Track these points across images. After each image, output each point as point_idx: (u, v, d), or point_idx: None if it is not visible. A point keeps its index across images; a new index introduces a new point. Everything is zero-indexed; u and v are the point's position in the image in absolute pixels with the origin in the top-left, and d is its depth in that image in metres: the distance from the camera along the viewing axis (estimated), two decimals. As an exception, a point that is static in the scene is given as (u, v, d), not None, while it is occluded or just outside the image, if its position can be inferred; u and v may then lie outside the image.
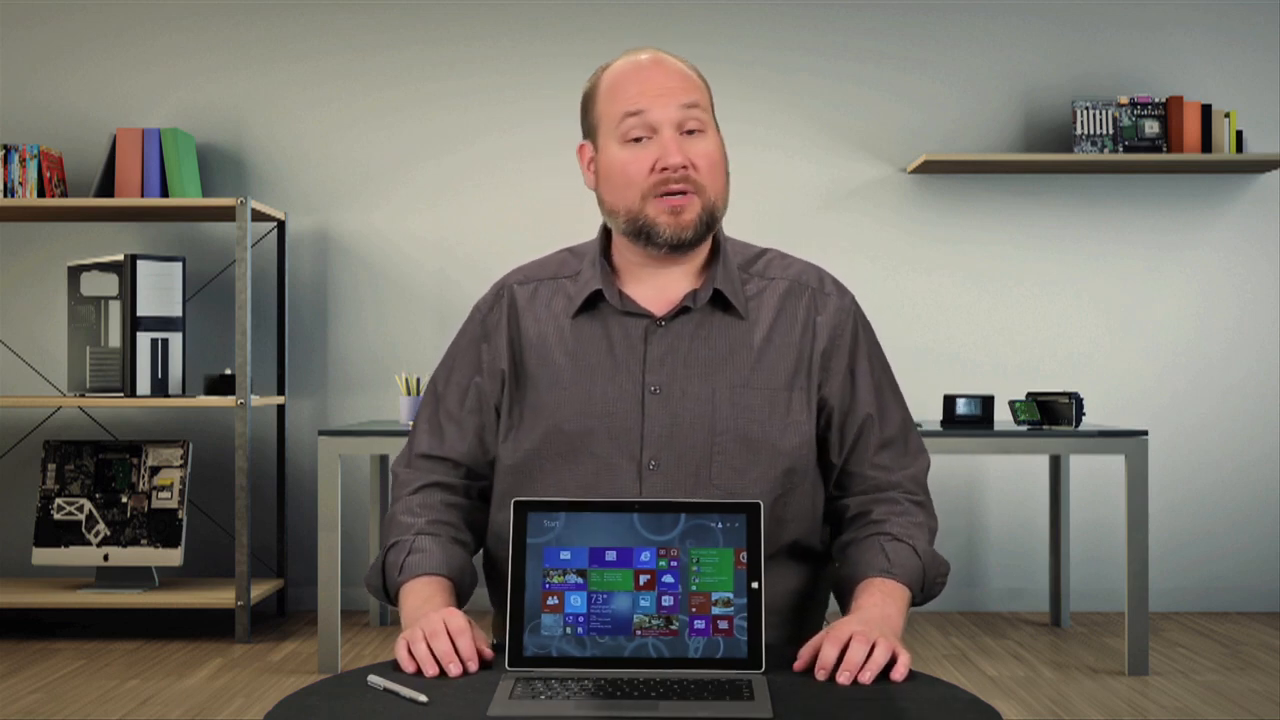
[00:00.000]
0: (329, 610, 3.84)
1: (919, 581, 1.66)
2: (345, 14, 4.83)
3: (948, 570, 1.72)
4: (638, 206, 1.67)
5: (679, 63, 1.72)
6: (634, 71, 1.68)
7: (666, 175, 1.65)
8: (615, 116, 1.67)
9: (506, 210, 4.82)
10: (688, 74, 1.70)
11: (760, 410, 1.69)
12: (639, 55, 1.71)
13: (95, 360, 4.39)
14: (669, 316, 1.71)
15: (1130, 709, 3.46)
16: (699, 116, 1.67)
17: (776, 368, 1.71)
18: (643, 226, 1.68)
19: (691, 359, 1.70)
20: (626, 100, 1.67)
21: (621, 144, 1.67)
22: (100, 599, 4.28)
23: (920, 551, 1.67)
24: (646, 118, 1.66)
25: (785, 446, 1.69)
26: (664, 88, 1.66)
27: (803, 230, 4.80)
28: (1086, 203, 4.82)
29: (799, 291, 1.75)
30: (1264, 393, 4.82)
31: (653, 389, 1.69)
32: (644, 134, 1.66)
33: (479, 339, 1.78)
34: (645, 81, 1.67)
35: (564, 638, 1.47)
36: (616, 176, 1.68)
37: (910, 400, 4.77)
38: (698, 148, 1.67)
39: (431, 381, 1.82)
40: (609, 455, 1.68)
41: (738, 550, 1.50)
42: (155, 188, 4.50)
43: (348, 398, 4.81)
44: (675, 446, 1.67)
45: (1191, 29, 4.81)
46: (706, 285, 1.71)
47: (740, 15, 4.82)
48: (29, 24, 4.82)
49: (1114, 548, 4.82)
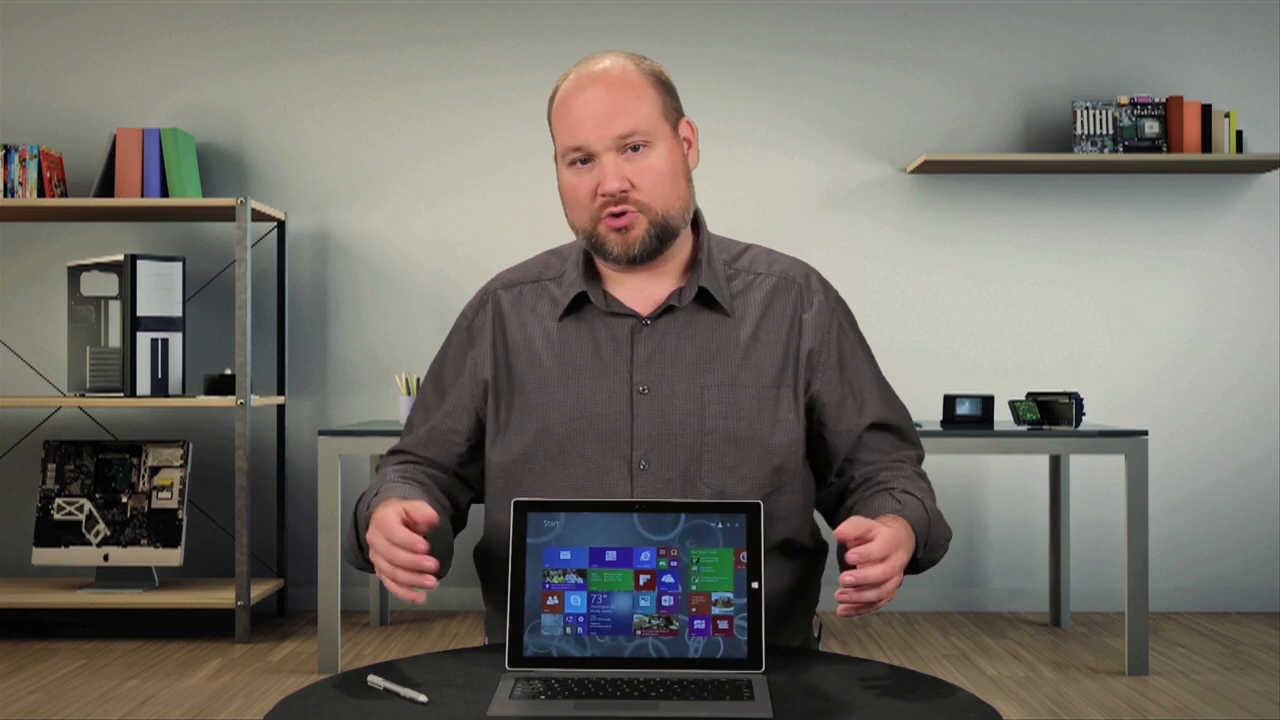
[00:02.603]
0: (329, 610, 3.84)
1: (924, 532, 1.65)
2: (345, 14, 4.83)
3: (950, 536, 1.73)
4: (589, 227, 1.70)
5: (624, 76, 1.68)
6: (575, 95, 1.68)
7: (607, 200, 1.66)
8: (561, 145, 1.70)
9: (506, 210, 4.82)
10: (628, 90, 1.67)
11: (749, 408, 1.69)
12: (583, 71, 1.69)
13: (95, 360, 4.39)
14: (654, 316, 1.72)
15: (1130, 709, 3.46)
16: (638, 134, 1.66)
17: (764, 365, 1.71)
18: (596, 244, 1.70)
19: (679, 358, 1.70)
20: (566, 130, 1.68)
21: (567, 168, 1.69)
22: (100, 599, 4.28)
23: (928, 508, 1.68)
24: (585, 149, 1.67)
25: (774, 444, 1.70)
26: (600, 115, 1.65)
27: (803, 230, 4.80)
28: (1086, 203, 4.82)
29: (785, 288, 1.76)
30: (1264, 393, 4.82)
31: (641, 389, 1.69)
32: (586, 158, 1.67)
33: (464, 346, 1.80)
34: (584, 107, 1.66)
35: (564, 638, 1.47)
36: (567, 198, 1.71)
37: (910, 400, 4.78)
38: (639, 165, 1.66)
39: (420, 390, 1.84)
40: (599, 456, 1.68)
41: (738, 550, 1.50)
42: (155, 188, 4.50)
43: (348, 398, 4.81)
44: (665, 446, 1.68)
45: (1191, 29, 4.81)
46: (691, 283, 1.72)
47: (740, 15, 4.81)
48: (29, 24, 4.82)
49: (1114, 548, 4.82)
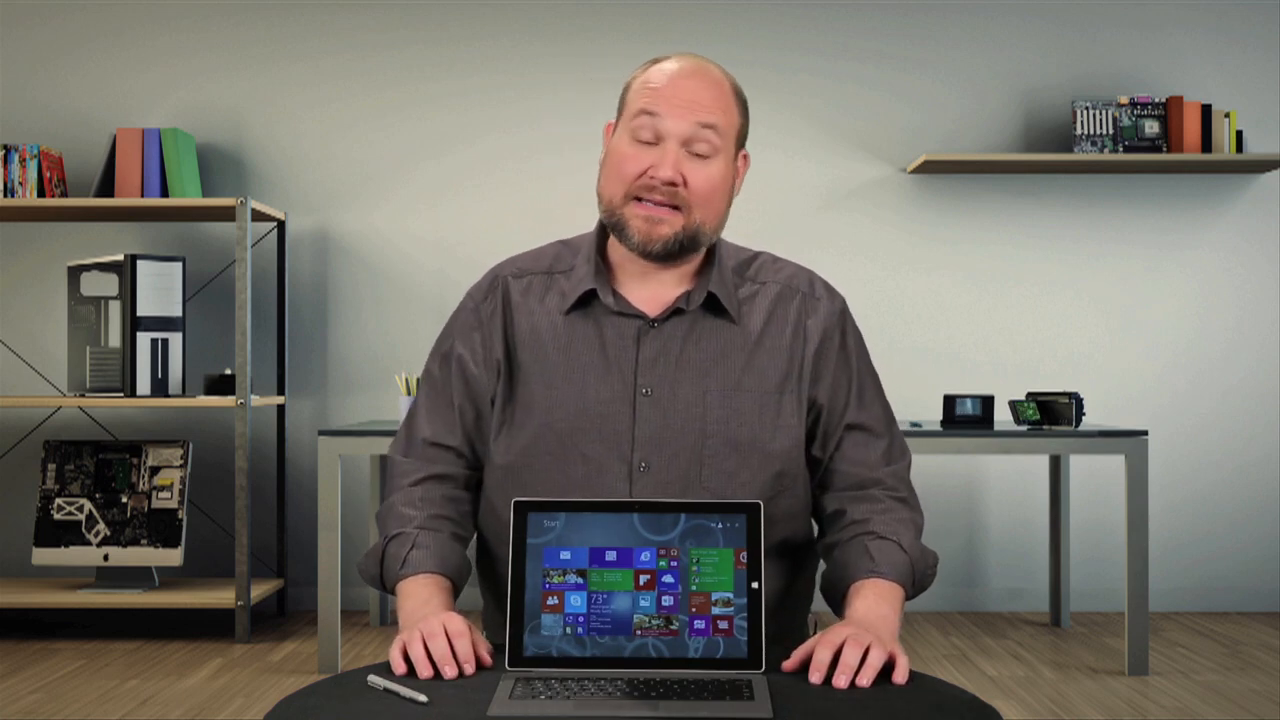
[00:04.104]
0: (329, 610, 3.85)
1: (908, 577, 1.66)
2: (345, 14, 4.83)
3: (936, 561, 1.72)
4: (619, 202, 1.67)
5: (722, 81, 1.69)
6: (671, 73, 1.67)
7: (653, 184, 1.65)
8: (634, 110, 1.67)
9: (506, 210, 4.82)
10: (722, 95, 1.68)
11: (750, 414, 1.69)
12: (685, 61, 1.69)
13: (95, 360, 4.39)
14: (662, 318, 1.71)
15: (1130, 709, 3.46)
16: (711, 140, 1.65)
17: (767, 371, 1.71)
18: (617, 223, 1.68)
19: (683, 361, 1.70)
20: (648, 99, 1.66)
21: (629, 138, 1.67)
22: (100, 599, 4.28)
23: (906, 547, 1.67)
24: (657, 123, 1.65)
25: (775, 450, 1.70)
26: (688, 101, 1.65)
27: (803, 230, 4.80)
28: (1086, 203, 4.82)
29: (790, 295, 1.76)
30: (1264, 393, 4.82)
31: (644, 390, 1.69)
32: (651, 138, 1.66)
33: (473, 327, 1.77)
34: (674, 87, 1.66)
35: (564, 638, 1.47)
36: (613, 165, 1.69)
37: (910, 400, 4.78)
38: (698, 170, 1.66)
39: (427, 368, 1.81)
40: (600, 456, 1.68)
41: (738, 550, 1.50)
42: (155, 188, 4.50)
43: (348, 398, 4.81)
44: (666, 449, 1.67)
45: (1191, 29, 4.81)
46: (700, 288, 1.72)
47: (740, 15, 4.82)
48: (29, 24, 4.82)
49: (1114, 548, 4.82)
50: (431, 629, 1.49)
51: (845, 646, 1.45)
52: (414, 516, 1.71)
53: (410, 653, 1.48)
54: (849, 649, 1.45)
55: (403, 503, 1.73)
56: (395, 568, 1.68)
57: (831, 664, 1.45)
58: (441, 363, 1.79)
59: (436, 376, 1.79)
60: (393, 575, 1.68)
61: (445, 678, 1.45)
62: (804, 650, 1.48)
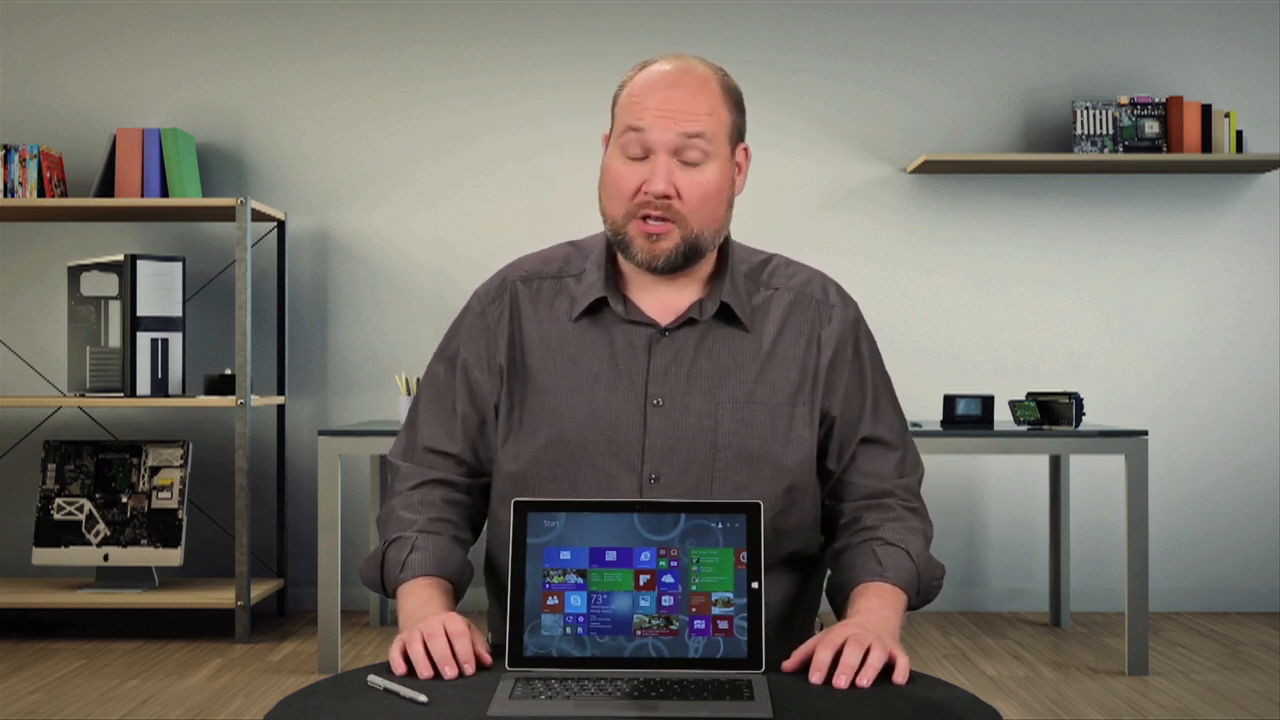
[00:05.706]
0: (329, 610, 3.85)
1: (913, 585, 1.65)
2: (345, 14, 4.83)
3: (943, 574, 1.71)
4: (621, 221, 1.66)
5: (708, 81, 1.66)
6: (653, 83, 1.64)
7: (648, 200, 1.63)
8: (621, 126, 1.66)
9: (506, 210, 4.82)
10: (708, 97, 1.64)
11: (762, 426, 1.67)
12: (668, 66, 1.66)
13: (95, 360, 4.39)
14: (673, 327, 1.69)
15: (1130, 709, 3.46)
16: (700, 146, 1.63)
17: (780, 382, 1.69)
18: (621, 240, 1.67)
19: (695, 372, 1.68)
20: (633, 115, 1.64)
21: (620, 154, 1.65)
22: (100, 599, 4.28)
23: (914, 555, 1.66)
24: (644, 138, 1.63)
25: (787, 462, 1.68)
26: (672, 111, 1.62)
27: (803, 230, 4.80)
28: (1086, 203, 4.82)
29: (804, 304, 1.74)
30: (1264, 393, 4.82)
31: (655, 401, 1.67)
32: (640, 154, 1.64)
33: (480, 331, 1.75)
34: (658, 99, 1.63)
35: (564, 638, 1.47)
36: (609, 184, 1.67)
37: (910, 400, 4.77)
38: (691, 179, 1.63)
39: (430, 371, 1.79)
40: (609, 467, 1.66)
41: (738, 550, 1.50)
42: (155, 188, 4.50)
43: (348, 398, 4.81)
44: (676, 460, 1.66)
45: (1191, 29, 4.81)
46: (713, 297, 1.69)
47: (740, 15, 4.82)
48: (29, 24, 4.82)
49: (1114, 548, 4.82)
50: (431, 629, 1.49)
51: (846, 647, 1.45)
52: (414, 520, 1.70)
53: (410, 653, 1.47)
54: (849, 649, 1.45)
55: (402, 506, 1.73)
56: (395, 572, 1.67)
57: (832, 664, 1.45)
58: (446, 366, 1.77)
59: (440, 379, 1.77)
60: (393, 579, 1.67)
61: (445, 678, 1.45)
62: (804, 650, 1.48)
